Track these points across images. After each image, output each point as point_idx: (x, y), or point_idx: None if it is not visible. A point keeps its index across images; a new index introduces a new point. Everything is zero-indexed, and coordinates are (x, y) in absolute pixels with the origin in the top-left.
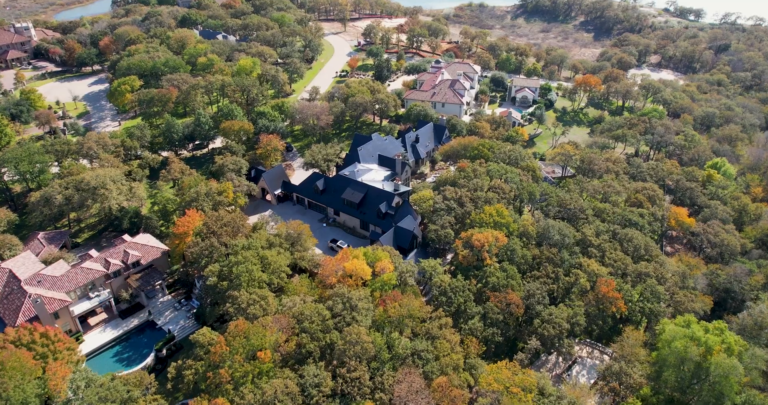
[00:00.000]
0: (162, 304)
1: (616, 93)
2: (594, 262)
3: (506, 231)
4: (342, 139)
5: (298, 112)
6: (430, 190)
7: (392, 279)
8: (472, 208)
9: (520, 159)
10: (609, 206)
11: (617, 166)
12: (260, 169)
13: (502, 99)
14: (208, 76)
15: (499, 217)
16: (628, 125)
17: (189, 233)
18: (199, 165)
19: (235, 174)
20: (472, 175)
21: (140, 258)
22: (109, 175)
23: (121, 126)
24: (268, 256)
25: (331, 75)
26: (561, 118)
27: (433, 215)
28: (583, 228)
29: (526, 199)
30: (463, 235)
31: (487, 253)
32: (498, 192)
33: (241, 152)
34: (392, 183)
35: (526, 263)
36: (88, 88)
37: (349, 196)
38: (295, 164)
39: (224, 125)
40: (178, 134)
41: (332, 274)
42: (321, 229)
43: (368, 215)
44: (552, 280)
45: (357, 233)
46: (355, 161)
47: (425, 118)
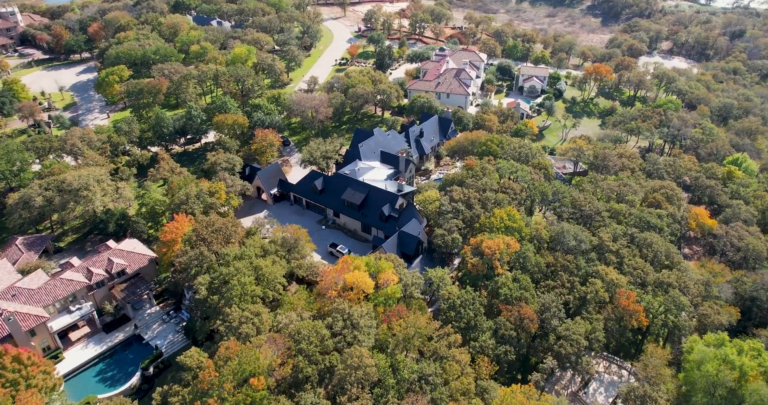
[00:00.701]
0: (149, 316)
1: (628, 83)
2: (612, 271)
3: (518, 236)
4: (342, 133)
5: (295, 104)
6: (436, 191)
7: (396, 292)
8: (481, 211)
9: (531, 156)
10: (625, 207)
11: (632, 162)
12: (255, 166)
13: (508, 88)
14: (201, 65)
15: (511, 221)
16: (642, 117)
17: (177, 240)
18: (192, 161)
19: (228, 172)
20: (481, 174)
21: (126, 266)
22: (92, 174)
23: (110, 118)
24: (263, 267)
25: (331, 63)
26: (570, 108)
27: (440, 218)
28: (600, 232)
29: (537, 199)
30: (473, 242)
31: (498, 261)
32: (508, 193)
33: (234, 148)
34: (395, 183)
35: (539, 271)
36: (76, 78)
37: (350, 197)
38: (293, 160)
39: (217, 119)
40: (169, 129)
41: (332, 287)
42: (320, 232)
43: (370, 218)
44: (567, 289)
45: (358, 236)
46: (356, 158)
47: (429, 111)
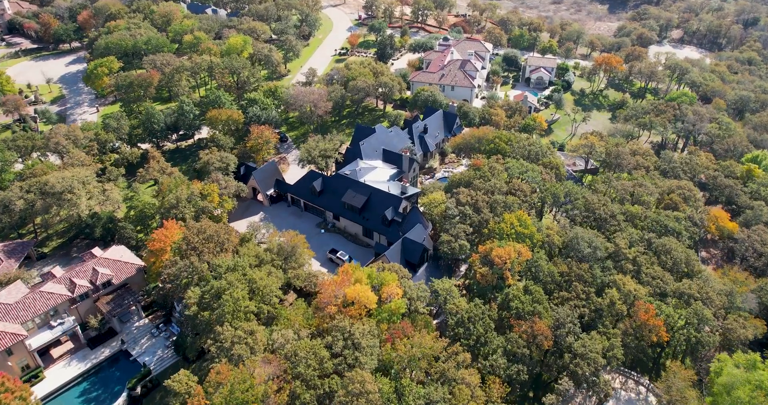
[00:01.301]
0: (138, 330)
1: (640, 74)
2: (629, 280)
3: (529, 243)
4: (342, 128)
5: (293, 98)
6: (442, 192)
7: (401, 308)
8: (489, 216)
9: (541, 154)
10: (641, 209)
11: (647, 160)
12: (250, 165)
13: (515, 80)
14: (194, 56)
15: (522, 227)
16: (655, 111)
17: (166, 249)
18: (184, 158)
19: (221, 172)
20: (489, 175)
21: (112, 277)
22: (77, 176)
23: (100, 112)
24: (257, 279)
25: (330, 53)
26: (579, 101)
27: (446, 222)
28: (616, 238)
29: (549, 202)
30: (481, 250)
31: (509, 271)
32: (518, 195)
33: (229, 145)
34: (399, 184)
35: (552, 281)
36: (65, 68)
37: (350, 199)
38: (290, 157)
39: (210, 115)
40: (160, 124)
41: (332, 301)
42: (319, 236)
43: (372, 221)
44: (582, 301)
45: (359, 241)
46: (357, 157)
47: (434, 105)
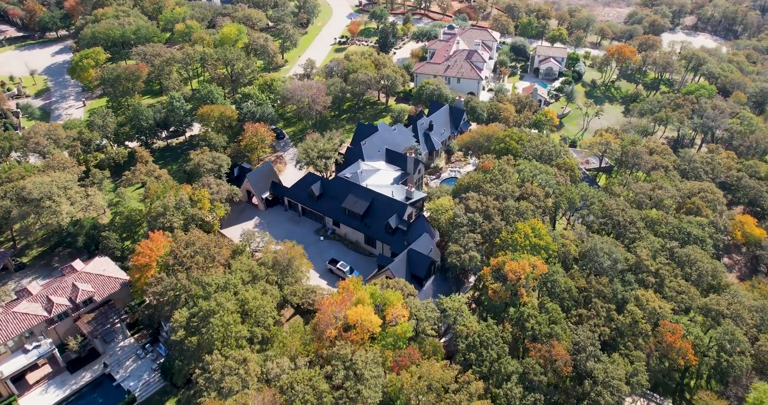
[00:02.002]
0: (122, 351)
1: (654, 65)
2: (653, 296)
3: (545, 254)
4: (341, 123)
5: (290, 93)
6: (449, 197)
7: (407, 331)
8: (501, 225)
9: (555, 154)
10: (661, 214)
11: (665, 159)
12: (245, 166)
13: (523, 70)
14: (186, 46)
15: (536, 237)
16: (672, 106)
17: (152, 265)
18: (175, 157)
19: (213, 174)
20: (500, 178)
21: (93, 294)
22: (57, 181)
23: (86, 107)
24: (250, 299)
25: (330, 42)
26: (590, 93)
27: (454, 231)
28: (637, 248)
29: (564, 207)
30: (494, 263)
31: (524, 287)
32: (532, 200)
33: (222, 144)
34: (403, 188)
35: (570, 297)
36: (51, 59)
37: (351, 205)
38: (287, 156)
39: (202, 111)
40: (148, 122)
41: (331, 322)
42: (318, 244)
43: (374, 229)
44: (602, 319)
45: (361, 249)
46: (358, 158)
47: (439, 99)
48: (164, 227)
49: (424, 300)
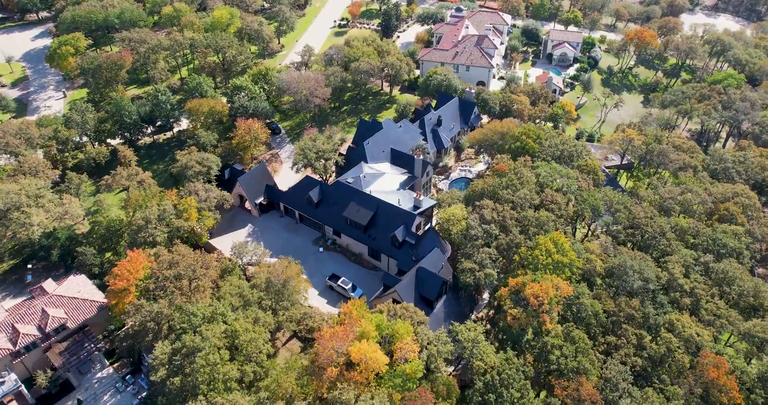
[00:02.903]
0: (99, 383)
1: (677, 50)
2: (690, 322)
3: (568, 273)
4: (342, 116)
5: (286, 84)
6: (461, 206)
7: (417, 371)
8: (521, 238)
9: (576, 154)
10: (692, 223)
11: (694, 158)
12: (236, 168)
13: (535, 56)
14: (173, 32)
15: (559, 253)
16: (698, 97)
17: (130, 290)
18: (162, 155)
19: (201, 178)
20: (517, 183)
21: (66, 320)
22: (27, 189)
23: (67, 98)
24: (241, 332)
25: (329, 25)
26: (607, 81)
27: (467, 245)
28: (668, 263)
29: (588, 216)
30: (512, 283)
31: (547, 313)
32: (552, 209)
33: (211, 142)
34: (411, 194)
35: (597, 323)
36: (31, 44)
37: (353, 214)
38: (284, 154)
39: (190, 106)
40: (132, 117)
41: (332, 357)
42: (316, 255)
43: (379, 241)
44: (633, 347)
45: (365, 263)
46: (361, 160)
47: (447, 91)
48: (146, 242)
49: (436, 326)
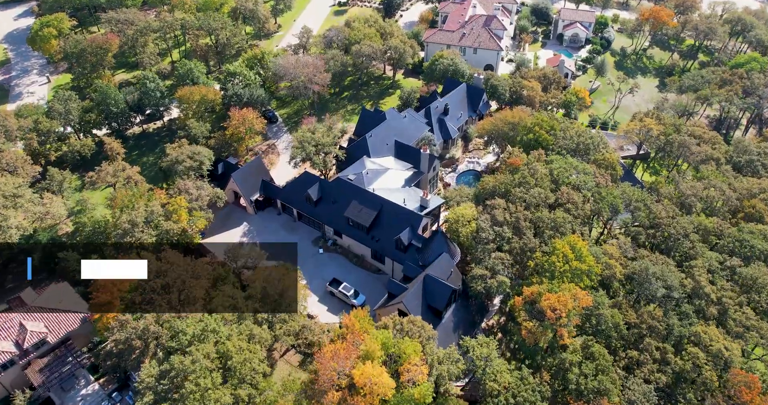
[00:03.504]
0: (84, 401)
1: (695, 30)
2: (718, 334)
3: (587, 281)
4: (342, 103)
5: (283, 70)
6: (471, 205)
7: (426, 395)
8: (535, 242)
9: (593, 147)
10: (717, 222)
11: (716, 150)
12: (230, 162)
13: (545, 36)
14: (163, 12)
15: (577, 259)
16: (718, 81)
17: (114, 303)
18: (152, 146)
19: (193, 173)
20: (531, 180)
21: (46, 335)
22: (3, 189)
23: (52, 83)
24: (234, 353)
25: (328, 3)
26: (620, 63)
27: (478, 249)
28: (693, 269)
29: (606, 216)
30: (527, 293)
31: (564, 327)
32: (569, 208)
33: (203, 133)
34: (417, 193)
35: (618, 336)
36: (14, 24)
37: (355, 214)
38: (281, 145)
39: (180, 94)
40: (119, 106)
41: (333, 382)
42: (316, 257)
43: (383, 244)
44: (657, 362)
45: (367, 265)
46: (363, 154)
47: (454, 76)
48: (132, 247)
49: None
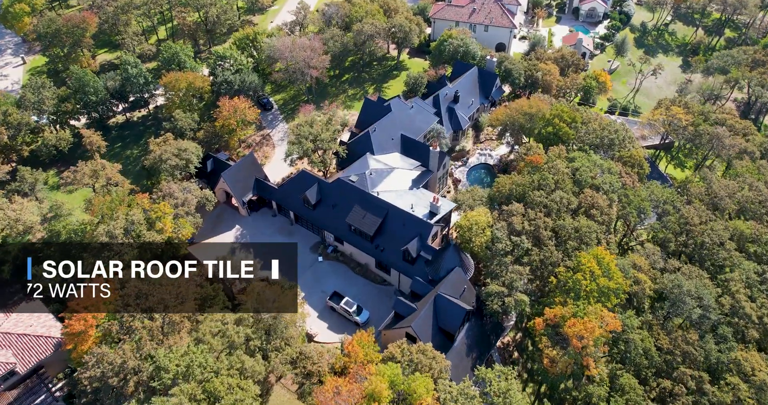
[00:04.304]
0: None
1: (723, 3)
2: (761, 361)
3: (614, 299)
4: (343, 86)
5: (278, 52)
6: (485, 211)
7: None
8: (558, 255)
9: (618, 142)
10: (753, 226)
11: (751, 142)
12: (220, 158)
13: (559, 10)
14: None
15: (605, 276)
16: (749, 62)
17: (89, 333)
18: (137, 137)
19: (179, 173)
20: (551, 182)
21: (15, 365)
22: None
23: (27, 64)
24: (223, 393)
25: None
26: (640, 40)
27: (494, 261)
28: (731, 285)
29: (634, 221)
30: (549, 315)
31: (591, 356)
32: (594, 215)
33: (191, 126)
34: (426, 196)
35: (649, 363)
36: None
37: (358, 221)
38: (276, 134)
39: (165, 81)
40: (99, 94)
41: None
42: (315, 266)
43: (389, 253)
44: (692, 393)
45: (371, 275)
46: (366, 150)
47: (464, 59)
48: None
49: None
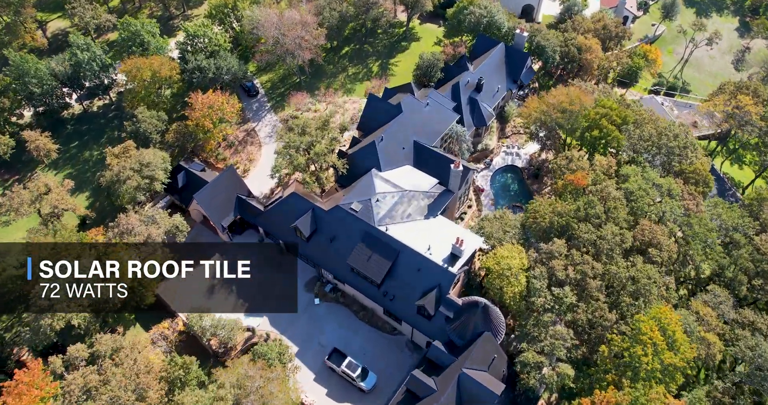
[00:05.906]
0: None
1: None
2: None
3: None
4: (342, 64)
5: (262, 29)
6: (519, 250)
7: None
8: (611, 317)
9: (679, 150)
10: None
11: None
12: (193, 170)
13: None
14: None
15: (669, 346)
16: None
17: None
18: (99, 132)
19: (141, 194)
20: (601, 212)
21: None
22: None
23: None
24: None
25: None
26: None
27: (530, 320)
28: None
29: (699, 258)
30: (599, 401)
31: None
32: (652, 255)
33: (158, 127)
34: (445, 228)
35: None
36: None
37: (362, 264)
38: (263, 129)
39: (125, 68)
40: (45, 84)
41: None
42: (310, 310)
43: (400, 304)
44: None
45: (378, 322)
46: (371, 165)
47: (488, 31)
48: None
49: None
